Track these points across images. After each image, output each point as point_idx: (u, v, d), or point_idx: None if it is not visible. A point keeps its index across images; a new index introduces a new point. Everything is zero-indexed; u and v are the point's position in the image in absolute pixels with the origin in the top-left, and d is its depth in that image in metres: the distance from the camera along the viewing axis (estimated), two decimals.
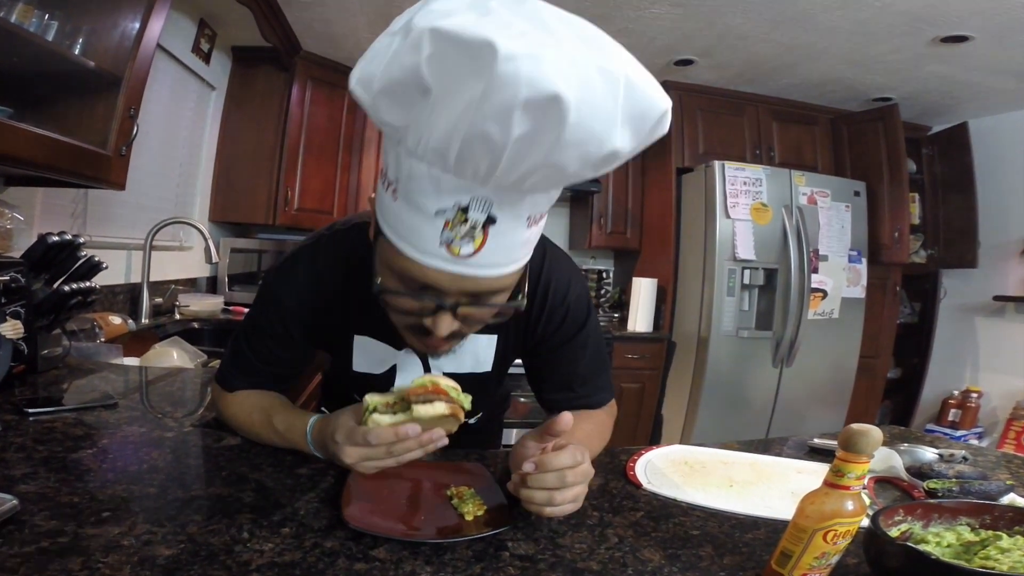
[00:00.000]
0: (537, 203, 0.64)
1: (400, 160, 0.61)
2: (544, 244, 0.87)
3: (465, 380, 0.76)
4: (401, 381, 0.91)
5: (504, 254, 0.64)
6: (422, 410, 0.65)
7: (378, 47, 0.57)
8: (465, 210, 0.60)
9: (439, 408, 0.66)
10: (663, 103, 0.58)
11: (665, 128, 0.60)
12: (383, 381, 0.92)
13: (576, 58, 0.52)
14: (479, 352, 0.92)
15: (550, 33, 0.53)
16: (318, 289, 0.86)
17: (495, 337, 0.92)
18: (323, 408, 1.19)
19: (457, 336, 0.74)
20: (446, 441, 0.69)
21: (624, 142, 0.57)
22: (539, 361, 0.95)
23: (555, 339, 0.92)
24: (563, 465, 0.67)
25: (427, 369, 0.92)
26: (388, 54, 0.56)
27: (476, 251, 0.62)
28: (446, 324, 0.69)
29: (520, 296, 0.73)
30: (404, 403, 0.67)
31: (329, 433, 0.73)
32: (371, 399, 0.68)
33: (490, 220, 0.61)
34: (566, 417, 0.67)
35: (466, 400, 0.69)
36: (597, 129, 0.54)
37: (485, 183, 0.58)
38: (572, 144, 0.54)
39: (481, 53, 0.50)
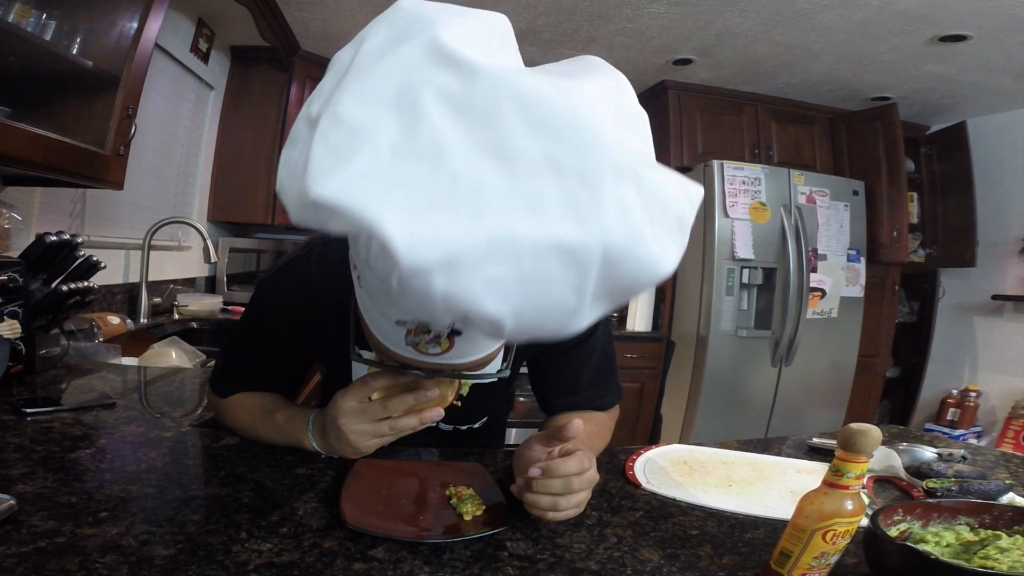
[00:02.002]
0: None
1: (357, 257, 0.55)
2: None
3: (472, 388, 0.76)
4: None
5: (477, 347, 0.60)
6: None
7: (295, 136, 0.46)
8: (426, 323, 0.55)
9: None
10: (664, 265, 0.44)
11: (668, 276, 0.46)
12: None
13: (523, 242, 0.38)
14: None
15: (495, 167, 0.39)
16: (311, 301, 0.82)
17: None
18: None
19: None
20: (441, 413, 0.69)
21: (596, 315, 0.46)
22: (545, 366, 0.94)
23: (562, 346, 0.90)
24: (570, 472, 0.67)
25: None
26: (293, 184, 0.43)
27: (444, 352, 0.58)
28: (432, 382, 0.68)
29: (505, 365, 0.69)
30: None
31: (329, 407, 0.73)
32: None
33: (454, 332, 0.56)
34: (576, 424, 0.66)
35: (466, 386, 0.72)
36: (549, 326, 0.44)
37: None
38: (517, 340, 0.47)
39: (379, 245, 0.38)
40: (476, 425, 1.04)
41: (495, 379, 0.69)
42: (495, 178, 0.39)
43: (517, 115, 0.39)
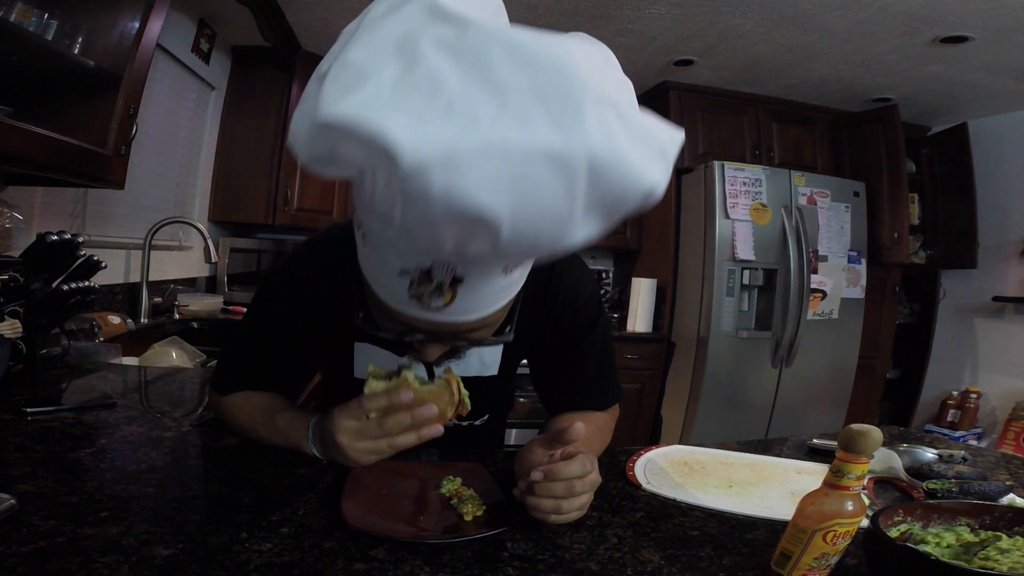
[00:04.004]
0: None
1: (361, 207, 0.56)
2: None
3: (471, 383, 0.76)
4: None
5: (480, 302, 0.60)
6: (411, 375, 0.70)
7: (306, 94, 0.49)
8: (428, 271, 0.56)
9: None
10: (647, 178, 0.47)
11: (656, 199, 0.49)
12: None
13: (513, 147, 0.42)
14: (485, 355, 0.91)
15: (486, 94, 0.43)
16: (315, 294, 0.83)
17: None
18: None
19: (453, 353, 0.72)
20: (440, 430, 0.69)
21: (590, 230, 0.48)
22: (546, 362, 0.94)
23: (563, 341, 0.90)
24: (572, 475, 0.67)
25: (431, 375, 0.87)
26: (304, 124, 0.47)
27: (447, 304, 0.58)
28: (434, 351, 0.67)
29: (508, 329, 0.69)
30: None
31: (328, 421, 0.73)
32: (372, 366, 0.72)
33: (456, 280, 0.57)
34: (578, 427, 0.67)
35: (466, 396, 0.71)
36: (545, 234, 0.47)
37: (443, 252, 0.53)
38: (516, 252, 0.49)
39: (383, 156, 0.43)
40: (478, 422, 1.04)
41: (504, 342, 0.69)
42: (487, 101, 0.43)
43: (505, 55, 0.44)
